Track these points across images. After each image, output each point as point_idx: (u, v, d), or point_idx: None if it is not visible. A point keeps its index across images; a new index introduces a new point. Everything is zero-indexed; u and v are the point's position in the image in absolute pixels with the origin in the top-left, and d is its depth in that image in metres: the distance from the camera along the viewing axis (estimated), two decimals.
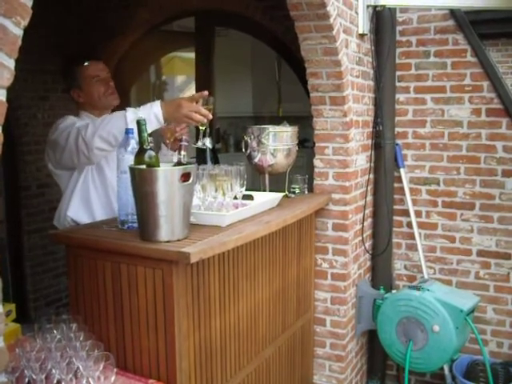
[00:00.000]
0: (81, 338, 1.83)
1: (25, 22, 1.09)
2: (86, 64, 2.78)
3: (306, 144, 5.50)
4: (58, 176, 2.74)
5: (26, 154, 4.73)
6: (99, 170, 2.66)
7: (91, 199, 2.65)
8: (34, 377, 1.68)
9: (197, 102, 2.30)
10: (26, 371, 1.70)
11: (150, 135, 2.03)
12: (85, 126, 2.39)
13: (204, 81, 5.58)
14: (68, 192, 2.69)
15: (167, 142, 2.64)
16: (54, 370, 1.70)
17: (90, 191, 2.65)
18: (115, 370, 1.76)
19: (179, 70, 8.76)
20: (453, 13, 3.62)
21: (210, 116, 2.31)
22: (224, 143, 8.18)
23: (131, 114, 2.28)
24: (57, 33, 4.71)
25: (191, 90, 8.11)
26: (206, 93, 2.30)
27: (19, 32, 1.09)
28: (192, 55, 6.43)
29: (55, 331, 1.86)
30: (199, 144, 2.50)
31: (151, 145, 2.00)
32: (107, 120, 2.36)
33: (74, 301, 2.14)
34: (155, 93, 8.19)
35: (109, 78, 2.83)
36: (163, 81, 8.71)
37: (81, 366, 1.71)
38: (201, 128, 2.42)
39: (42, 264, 4.90)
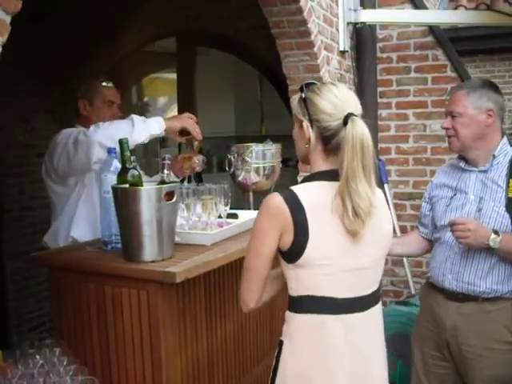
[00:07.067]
0: (64, 363, 1.78)
1: (3, 39, 1.08)
2: (108, 85, 2.78)
3: (288, 163, 5.50)
4: (57, 194, 2.67)
5: (8, 176, 4.67)
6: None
7: (96, 218, 2.58)
8: None
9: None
10: None
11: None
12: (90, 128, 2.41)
13: (186, 101, 5.59)
14: (67, 212, 2.62)
15: (185, 171, 2.70)
16: None
17: (96, 210, 2.59)
18: None
19: (161, 91, 8.76)
20: (431, 29, 3.67)
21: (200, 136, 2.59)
22: (207, 163, 8.15)
23: (136, 116, 2.42)
24: (35, 55, 4.67)
25: (173, 111, 8.11)
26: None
27: None
28: (174, 76, 6.44)
29: (38, 356, 1.81)
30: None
31: (134, 164, 1.98)
32: (111, 121, 2.45)
33: (57, 324, 2.09)
34: (137, 114, 8.17)
35: (118, 110, 2.84)
36: (145, 102, 8.71)
37: None
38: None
39: (25, 288, 4.81)
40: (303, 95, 1.67)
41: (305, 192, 1.62)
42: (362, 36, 3.57)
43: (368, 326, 1.70)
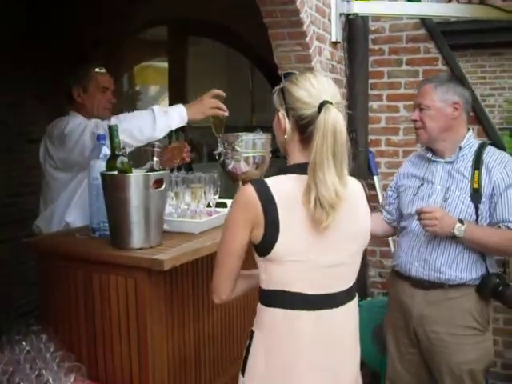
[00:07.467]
0: (51, 349, 1.78)
1: None
2: (101, 70, 2.76)
3: (278, 153, 5.50)
4: (55, 179, 2.65)
5: None
6: None
7: None
8: None
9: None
10: None
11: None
12: (107, 121, 2.37)
13: (177, 90, 5.56)
14: (65, 197, 2.61)
15: (174, 161, 2.69)
16: (22, 383, 1.65)
17: None
18: (87, 381, 1.72)
19: (153, 80, 8.72)
20: (424, 22, 3.67)
21: (226, 113, 2.64)
22: (197, 153, 8.14)
23: (157, 108, 2.36)
24: (29, 41, 4.62)
25: (165, 101, 8.08)
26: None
27: None
28: (165, 65, 6.41)
29: (24, 343, 1.81)
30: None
31: (123, 151, 1.97)
32: (132, 114, 2.39)
33: (45, 311, 2.09)
34: (128, 102, 8.14)
35: (112, 95, 2.82)
36: (136, 90, 8.66)
37: (51, 378, 1.66)
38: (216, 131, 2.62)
39: (13, 275, 4.79)
40: (282, 85, 1.67)
41: (277, 185, 1.60)
42: (355, 27, 3.56)
43: (342, 323, 1.69)
